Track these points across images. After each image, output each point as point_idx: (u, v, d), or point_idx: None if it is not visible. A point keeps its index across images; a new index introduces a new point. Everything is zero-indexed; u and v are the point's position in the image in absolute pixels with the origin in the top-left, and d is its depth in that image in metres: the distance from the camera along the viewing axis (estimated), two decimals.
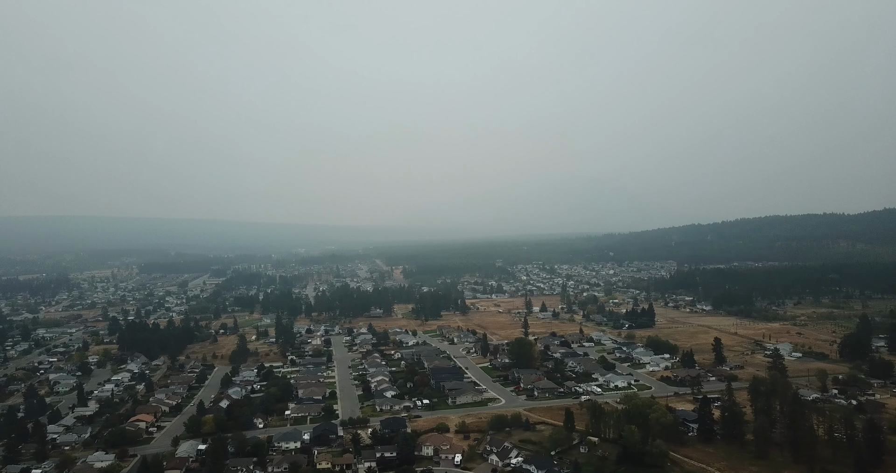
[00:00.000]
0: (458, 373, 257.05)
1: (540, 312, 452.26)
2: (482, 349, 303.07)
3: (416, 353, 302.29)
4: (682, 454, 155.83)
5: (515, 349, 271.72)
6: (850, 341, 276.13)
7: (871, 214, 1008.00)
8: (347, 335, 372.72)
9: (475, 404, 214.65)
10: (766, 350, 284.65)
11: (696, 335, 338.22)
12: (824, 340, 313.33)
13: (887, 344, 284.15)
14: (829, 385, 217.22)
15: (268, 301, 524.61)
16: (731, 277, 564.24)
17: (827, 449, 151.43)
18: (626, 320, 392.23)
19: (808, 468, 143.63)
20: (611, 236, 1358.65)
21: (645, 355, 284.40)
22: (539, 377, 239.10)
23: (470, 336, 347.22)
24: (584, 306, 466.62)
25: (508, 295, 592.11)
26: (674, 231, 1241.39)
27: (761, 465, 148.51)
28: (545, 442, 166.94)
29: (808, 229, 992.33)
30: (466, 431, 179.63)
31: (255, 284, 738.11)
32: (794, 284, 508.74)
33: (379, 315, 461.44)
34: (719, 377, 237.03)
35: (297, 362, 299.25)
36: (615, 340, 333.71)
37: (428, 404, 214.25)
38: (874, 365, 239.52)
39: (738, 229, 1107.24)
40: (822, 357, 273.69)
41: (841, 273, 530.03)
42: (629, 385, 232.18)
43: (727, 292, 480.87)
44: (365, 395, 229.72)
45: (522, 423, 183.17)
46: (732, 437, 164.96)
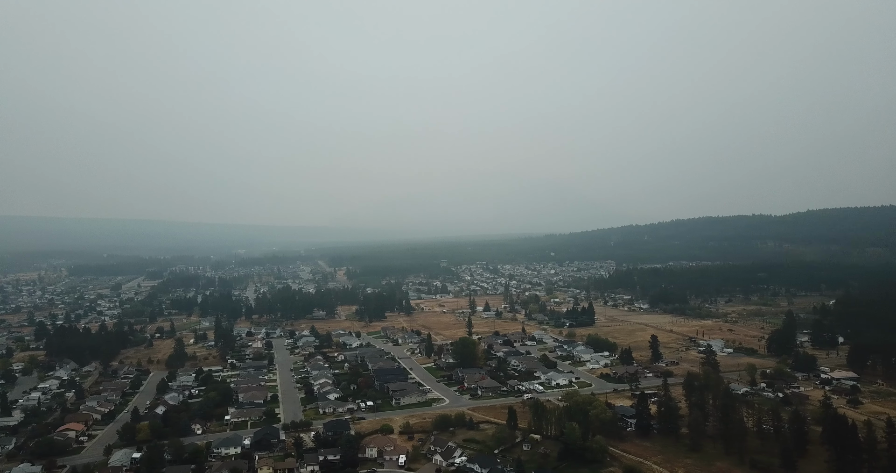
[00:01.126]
0: (402, 374, 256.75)
1: (484, 311, 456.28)
2: (426, 350, 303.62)
3: (359, 355, 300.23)
4: (620, 448, 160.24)
5: (459, 349, 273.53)
6: (777, 336, 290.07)
7: (795, 215, 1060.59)
8: (289, 338, 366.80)
9: (419, 404, 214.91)
10: (700, 347, 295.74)
11: (634, 333, 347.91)
12: (753, 336, 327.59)
13: (811, 339, 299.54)
14: (758, 379, 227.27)
15: (206, 304, 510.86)
16: (667, 276, 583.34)
17: (756, 440, 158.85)
18: (567, 318, 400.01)
19: (739, 458, 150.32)
20: (552, 236, 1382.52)
21: (585, 353, 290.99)
22: (483, 376, 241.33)
23: (414, 337, 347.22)
24: (526, 305, 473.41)
25: (453, 295, 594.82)
26: (612, 232, 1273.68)
27: (695, 457, 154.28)
28: (489, 441, 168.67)
29: (738, 229, 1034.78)
30: (411, 432, 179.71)
31: (194, 286, 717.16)
32: (725, 282, 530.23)
33: (322, 317, 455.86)
34: (656, 373, 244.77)
35: (237, 365, 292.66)
36: (556, 338, 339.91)
37: (372, 405, 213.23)
38: (799, 359, 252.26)
39: (673, 230, 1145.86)
40: (751, 353, 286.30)
41: (769, 272, 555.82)
42: (570, 383, 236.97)
43: (663, 291, 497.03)
44: (308, 398, 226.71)
45: (466, 422, 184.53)
46: (668, 431, 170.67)
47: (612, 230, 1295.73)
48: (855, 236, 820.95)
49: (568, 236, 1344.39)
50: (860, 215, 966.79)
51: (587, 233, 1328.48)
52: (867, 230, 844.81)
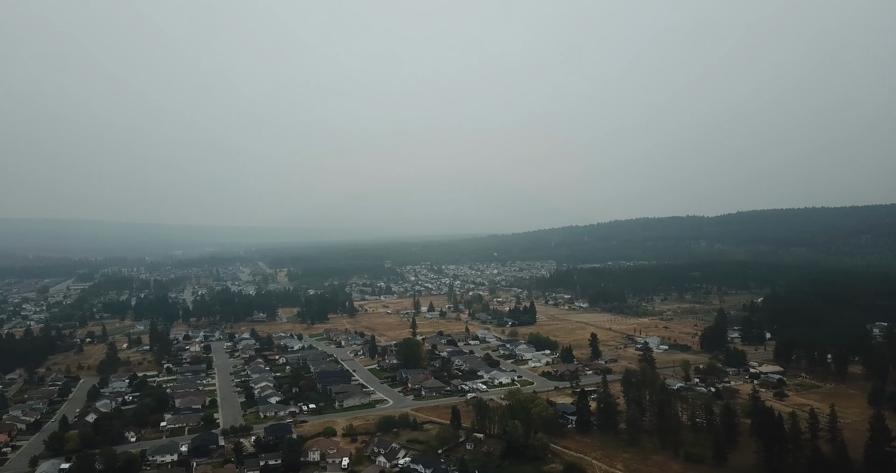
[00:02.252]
0: (345, 376, 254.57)
1: (428, 312, 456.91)
2: (370, 351, 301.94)
3: (301, 357, 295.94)
4: (561, 445, 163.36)
5: (403, 350, 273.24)
6: (709, 333, 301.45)
7: (727, 216, 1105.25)
8: (229, 341, 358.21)
9: (363, 406, 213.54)
10: (637, 344, 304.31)
11: (574, 332, 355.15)
12: (687, 333, 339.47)
13: (741, 336, 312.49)
14: (692, 375, 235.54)
15: (141, 307, 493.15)
16: (606, 275, 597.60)
17: (690, 434, 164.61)
18: (510, 318, 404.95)
19: (674, 452, 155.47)
20: (495, 236, 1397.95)
21: (527, 351, 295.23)
22: (426, 376, 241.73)
23: (358, 338, 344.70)
24: (469, 305, 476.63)
25: (397, 296, 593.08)
26: (553, 232, 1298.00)
27: (633, 452, 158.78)
28: (432, 441, 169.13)
29: (673, 230, 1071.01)
30: (354, 434, 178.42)
31: (127, 288, 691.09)
32: (661, 281, 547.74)
33: (262, 320, 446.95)
34: (596, 370, 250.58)
35: (174, 370, 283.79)
36: (499, 337, 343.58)
37: (314, 408, 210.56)
38: (729, 355, 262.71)
39: (611, 231, 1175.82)
40: (685, 349, 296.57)
41: (702, 271, 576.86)
42: (513, 382, 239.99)
43: (602, 290, 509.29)
44: (248, 402, 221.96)
45: (410, 423, 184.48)
46: (608, 427, 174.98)
47: (552, 231, 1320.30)
48: (781, 236, 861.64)
49: (511, 236, 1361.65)
50: (785, 217, 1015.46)
51: (529, 233, 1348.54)
52: (792, 231, 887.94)
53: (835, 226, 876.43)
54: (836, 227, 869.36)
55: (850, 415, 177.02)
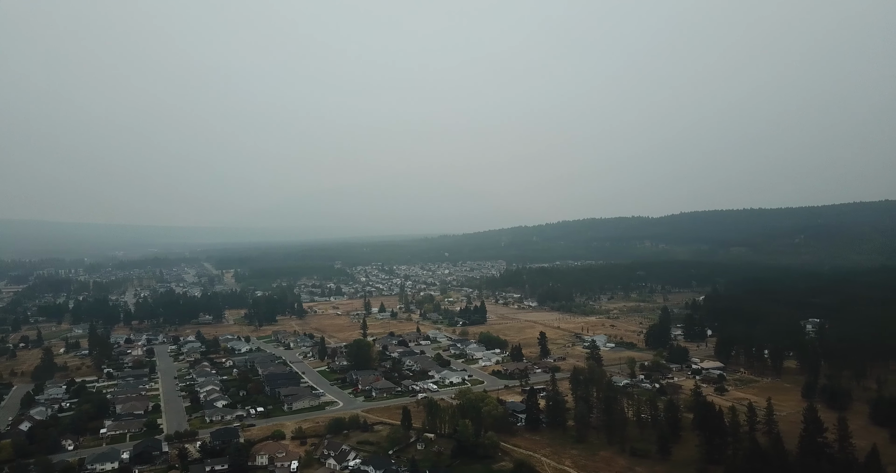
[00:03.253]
0: (294, 378, 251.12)
1: (379, 312, 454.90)
2: (320, 353, 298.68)
3: (249, 360, 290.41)
4: (511, 443, 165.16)
5: (354, 351, 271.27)
6: (654, 331, 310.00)
7: (670, 217, 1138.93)
8: (173, 344, 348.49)
9: (312, 408, 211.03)
10: (585, 342, 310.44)
11: (523, 330, 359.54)
12: (633, 330, 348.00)
13: (683, 333, 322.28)
14: (637, 372, 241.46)
15: (80, 310, 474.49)
16: (554, 275, 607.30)
17: (636, 429, 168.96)
18: (461, 317, 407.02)
19: (620, 447, 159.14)
20: (446, 237, 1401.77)
21: (478, 350, 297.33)
22: (377, 377, 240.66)
23: (307, 340, 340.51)
24: (421, 305, 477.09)
25: (348, 297, 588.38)
26: (503, 233, 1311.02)
27: (581, 448, 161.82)
28: (383, 442, 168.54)
29: (619, 230, 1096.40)
30: (303, 436, 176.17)
31: (65, 291, 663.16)
32: (607, 280, 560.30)
33: (208, 322, 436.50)
34: (544, 368, 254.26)
35: (114, 375, 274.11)
36: (450, 337, 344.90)
37: (263, 411, 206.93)
38: (673, 352, 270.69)
39: (560, 231, 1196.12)
40: (631, 347, 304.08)
41: (646, 270, 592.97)
42: (463, 381, 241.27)
43: (550, 289, 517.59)
44: (193, 406, 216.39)
45: (361, 424, 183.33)
46: (556, 424, 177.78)
47: (502, 231, 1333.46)
48: (722, 236, 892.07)
49: (461, 236, 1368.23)
50: (724, 218, 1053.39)
51: (479, 234, 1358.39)
52: (731, 232, 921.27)
53: (772, 227, 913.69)
54: (772, 227, 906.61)
55: (786, 408, 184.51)
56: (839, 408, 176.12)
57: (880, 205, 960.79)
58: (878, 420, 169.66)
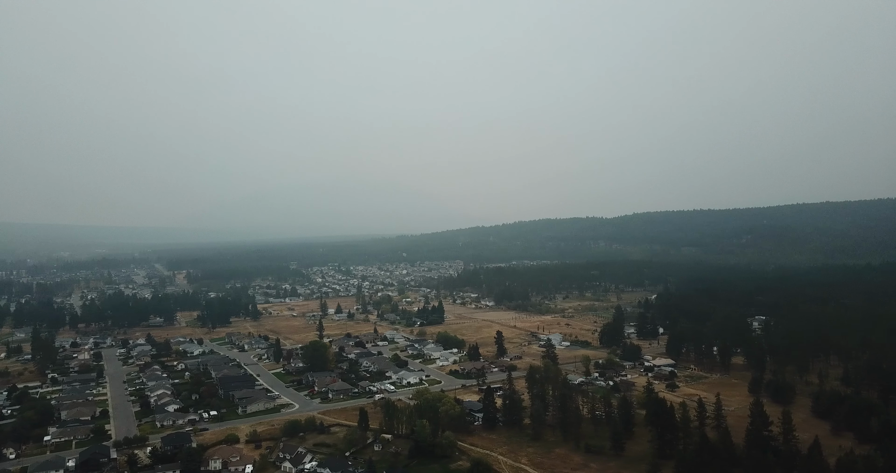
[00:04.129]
0: (249, 381, 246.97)
1: (335, 314, 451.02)
2: (275, 355, 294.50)
3: (202, 363, 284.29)
4: (468, 442, 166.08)
5: (310, 353, 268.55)
6: (608, 329, 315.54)
7: (623, 217, 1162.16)
8: (122, 348, 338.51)
9: (267, 411, 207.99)
10: (541, 341, 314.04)
11: (480, 330, 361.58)
12: (588, 329, 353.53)
13: (636, 331, 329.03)
14: (592, 370, 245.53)
15: (22, 313, 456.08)
16: (511, 274, 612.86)
17: (590, 426, 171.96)
18: (418, 317, 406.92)
19: (575, 444, 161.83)
20: (404, 237, 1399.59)
21: (435, 350, 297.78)
22: (334, 379, 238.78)
23: (262, 342, 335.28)
24: (378, 306, 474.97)
25: (303, 298, 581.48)
26: (461, 233, 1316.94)
27: (537, 446, 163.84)
28: (340, 444, 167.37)
29: (574, 230, 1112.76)
30: (258, 440, 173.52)
31: (6, 293, 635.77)
32: (563, 280, 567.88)
33: (159, 324, 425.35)
34: (501, 367, 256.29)
35: (59, 380, 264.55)
36: (408, 337, 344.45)
37: (216, 415, 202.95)
38: (626, 350, 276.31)
39: (516, 231, 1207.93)
40: (586, 345, 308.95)
41: (600, 270, 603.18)
42: (421, 381, 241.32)
43: (507, 289, 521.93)
44: (143, 411, 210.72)
45: (317, 426, 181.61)
46: (513, 423, 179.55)
47: (460, 232, 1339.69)
48: (673, 236, 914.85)
49: (419, 236, 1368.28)
50: (674, 218, 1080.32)
51: (437, 234, 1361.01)
52: (682, 232, 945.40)
53: (720, 227, 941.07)
54: (721, 228, 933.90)
55: (734, 403, 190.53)
56: (784, 402, 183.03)
57: (821, 206, 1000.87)
58: (819, 413, 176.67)
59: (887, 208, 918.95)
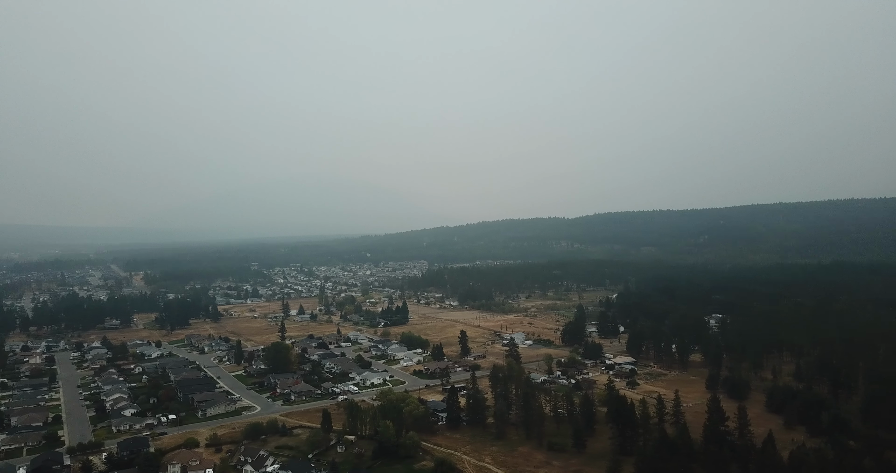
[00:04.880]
0: (209, 383, 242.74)
1: (298, 315, 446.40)
2: (236, 357, 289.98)
3: (160, 365, 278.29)
4: (432, 442, 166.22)
5: (271, 354, 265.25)
6: (570, 328, 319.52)
7: (584, 218, 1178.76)
8: (76, 351, 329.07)
9: (228, 414, 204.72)
10: (504, 340, 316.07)
11: (445, 329, 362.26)
12: (550, 328, 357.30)
13: (598, 330, 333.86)
14: (554, 368, 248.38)
15: None
16: (475, 274, 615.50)
17: (553, 424, 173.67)
18: (382, 318, 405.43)
19: (538, 442, 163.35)
20: (368, 237, 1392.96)
21: (399, 351, 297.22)
22: (296, 380, 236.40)
23: (222, 344, 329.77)
24: (341, 306, 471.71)
25: (265, 299, 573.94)
26: (425, 233, 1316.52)
27: (500, 444, 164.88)
28: (303, 446, 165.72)
29: (536, 230, 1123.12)
30: (218, 443, 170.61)
31: None
32: (525, 279, 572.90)
33: (116, 327, 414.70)
34: (465, 367, 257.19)
35: (9, 385, 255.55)
36: (371, 338, 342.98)
37: (175, 419, 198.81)
38: (588, 348, 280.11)
39: (479, 231, 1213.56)
40: (548, 344, 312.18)
41: (562, 269, 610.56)
42: (385, 382, 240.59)
43: (471, 289, 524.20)
44: (99, 416, 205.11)
45: (279, 429, 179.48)
46: (477, 422, 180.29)
47: (424, 232, 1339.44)
48: (633, 236, 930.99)
49: (383, 236, 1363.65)
50: (634, 218, 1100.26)
51: (402, 234, 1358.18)
52: (641, 232, 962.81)
53: (679, 227, 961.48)
54: (679, 228, 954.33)
55: (692, 399, 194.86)
56: (739, 398, 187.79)
57: (775, 207, 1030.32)
58: (773, 408, 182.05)
59: (836, 209, 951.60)
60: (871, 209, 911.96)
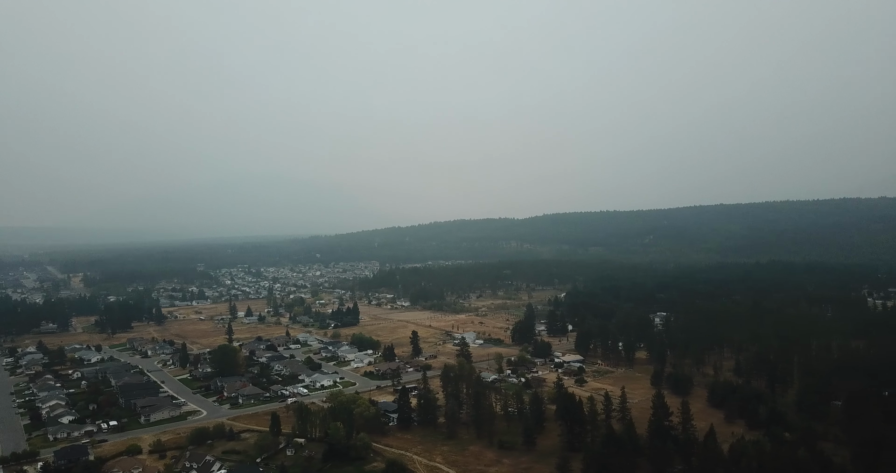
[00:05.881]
0: (152, 388, 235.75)
1: (246, 317, 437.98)
2: (181, 360, 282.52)
3: (101, 370, 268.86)
4: (384, 443, 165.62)
5: (218, 357, 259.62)
6: (520, 327, 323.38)
7: (534, 218, 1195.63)
8: (9, 357, 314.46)
9: (173, 419, 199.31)
10: (455, 340, 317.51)
11: (396, 330, 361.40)
12: (500, 327, 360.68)
13: (547, 328, 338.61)
14: (504, 367, 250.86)
15: None
16: (426, 275, 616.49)
17: (503, 423, 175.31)
18: (333, 319, 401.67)
19: (489, 441, 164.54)
20: (317, 238, 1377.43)
21: (350, 352, 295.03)
22: (244, 383, 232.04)
23: (167, 347, 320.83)
24: (291, 308, 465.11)
25: (212, 301, 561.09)
26: (376, 233, 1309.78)
27: (451, 444, 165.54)
28: (251, 450, 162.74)
29: (487, 231, 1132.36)
30: (163, 450, 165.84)
31: None
32: (477, 279, 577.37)
33: (52, 331, 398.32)
34: (416, 367, 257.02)
35: None
36: (321, 340, 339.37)
37: (116, 425, 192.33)
38: (537, 347, 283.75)
39: (431, 232, 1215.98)
40: (498, 343, 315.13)
41: (513, 269, 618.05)
42: (335, 383, 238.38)
43: (423, 289, 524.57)
44: (34, 424, 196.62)
45: (226, 433, 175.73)
46: (428, 422, 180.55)
47: (376, 232, 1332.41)
48: (581, 236, 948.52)
49: (334, 237, 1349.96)
50: (583, 219, 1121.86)
51: (353, 234, 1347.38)
52: (589, 232, 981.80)
53: (625, 227, 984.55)
54: (626, 228, 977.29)
55: (637, 396, 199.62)
56: (683, 393, 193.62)
57: (715, 208, 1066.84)
58: (714, 403, 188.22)
59: (773, 210, 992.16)
60: (805, 211, 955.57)
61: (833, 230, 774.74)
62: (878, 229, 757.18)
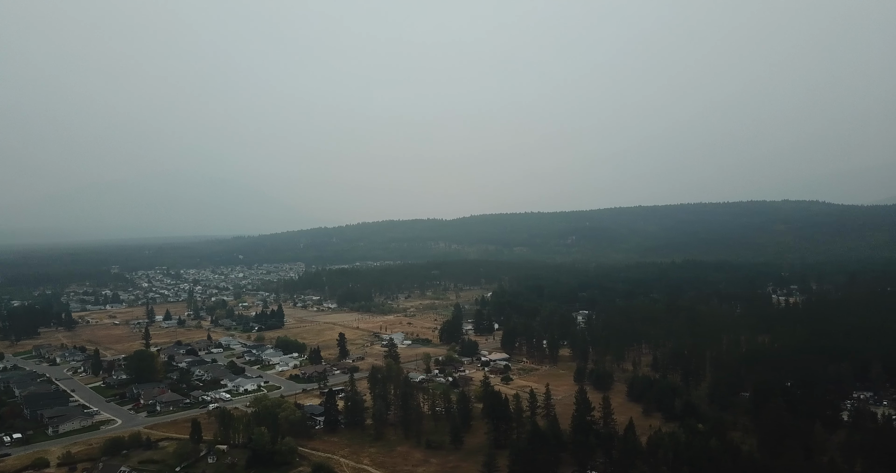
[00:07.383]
0: (61, 397, 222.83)
1: (164, 321, 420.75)
2: (94, 367, 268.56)
3: (3, 380, 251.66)
4: (310, 447, 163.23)
5: (134, 363, 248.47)
6: (447, 327, 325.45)
7: (462, 219, 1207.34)
8: None
9: (84, 429, 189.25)
10: (383, 341, 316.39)
11: (322, 333, 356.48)
12: (429, 327, 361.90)
13: (474, 327, 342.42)
14: (432, 366, 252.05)
15: None
16: (354, 276, 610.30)
17: (431, 422, 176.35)
18: (256, 322, 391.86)
19: (417, 441, 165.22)
20: (241, 238, 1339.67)
21: (275, 355, 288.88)
22: (162, 390, 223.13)
23: (78, 354, 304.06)
24: (212, 311, 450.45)
25: (127, 305, 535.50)
26: (302, 234, 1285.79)
27: (379, 445, 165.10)
28: (169, 459, 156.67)
29: (416, 231, 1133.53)
30: (73, 462, 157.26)
31: None
32: (405, 280, 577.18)
33: None
34: (344, 369, 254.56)
35: None
36: (245, 343, 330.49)
37: (21, 438, 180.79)
38: (464, 346, 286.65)
39: (359, 232, 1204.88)
40: (426, 343, 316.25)
41: (441, 269, 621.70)
42: (259, 388, 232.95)
43: (350, 290, 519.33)
44: None
45: (143, 442, 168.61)
46: (355, 424, 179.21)
47: (301, 233, 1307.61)
48: (506, 237, 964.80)
49: (257, 237, 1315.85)
50: (508, 220, 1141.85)
51: (277, 235, 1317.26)
52: (514, 233, 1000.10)
53: (549, 228, 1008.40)
54: (549, 229, 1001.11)
55: (561, 392, 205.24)
56: (604, 389, 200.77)
57: (634, 210, 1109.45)
58: (633, 397, 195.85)
59: (687, 212, 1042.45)
60: (717, 212, 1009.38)
61: (742, 231, 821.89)
62: (781, 230, 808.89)
